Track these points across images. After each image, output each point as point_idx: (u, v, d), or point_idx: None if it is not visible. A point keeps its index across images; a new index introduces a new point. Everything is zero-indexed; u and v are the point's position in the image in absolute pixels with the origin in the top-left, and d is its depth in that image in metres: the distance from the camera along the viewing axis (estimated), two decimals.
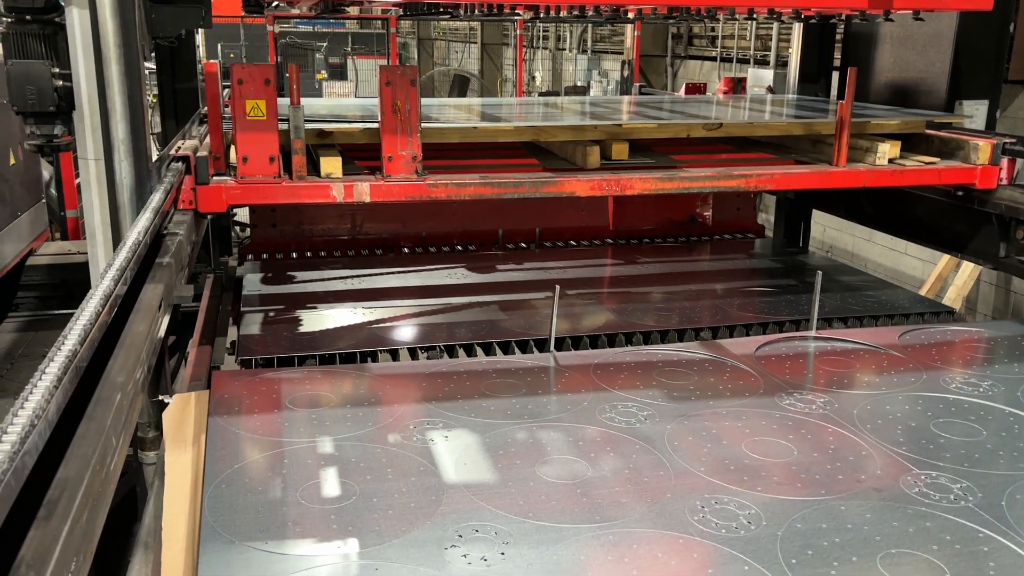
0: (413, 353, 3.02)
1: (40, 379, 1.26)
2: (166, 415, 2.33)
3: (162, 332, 2.19)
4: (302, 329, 3.22)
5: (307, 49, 16.54)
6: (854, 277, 4.04)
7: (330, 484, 2.00)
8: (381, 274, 3.95)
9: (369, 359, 2.95)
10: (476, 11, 3.36)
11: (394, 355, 3.00)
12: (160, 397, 2.46)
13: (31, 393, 1.21)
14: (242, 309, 3.41)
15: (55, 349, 1.39)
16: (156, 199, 2.43)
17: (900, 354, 2.90)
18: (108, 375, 1.69)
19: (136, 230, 2.15)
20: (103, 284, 1.73)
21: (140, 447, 2.70)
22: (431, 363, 2.84)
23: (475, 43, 21.16)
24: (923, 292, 6.05)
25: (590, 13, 3.74)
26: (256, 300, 3.54)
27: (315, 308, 3.44)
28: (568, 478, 2.06)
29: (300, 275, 3.92)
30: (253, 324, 3.26)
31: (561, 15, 3.64)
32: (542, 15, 3.85)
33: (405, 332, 3.22)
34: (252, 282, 3.78)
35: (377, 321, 3.30)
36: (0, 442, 1.06)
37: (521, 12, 3.87)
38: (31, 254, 3.85)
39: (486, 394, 2.52)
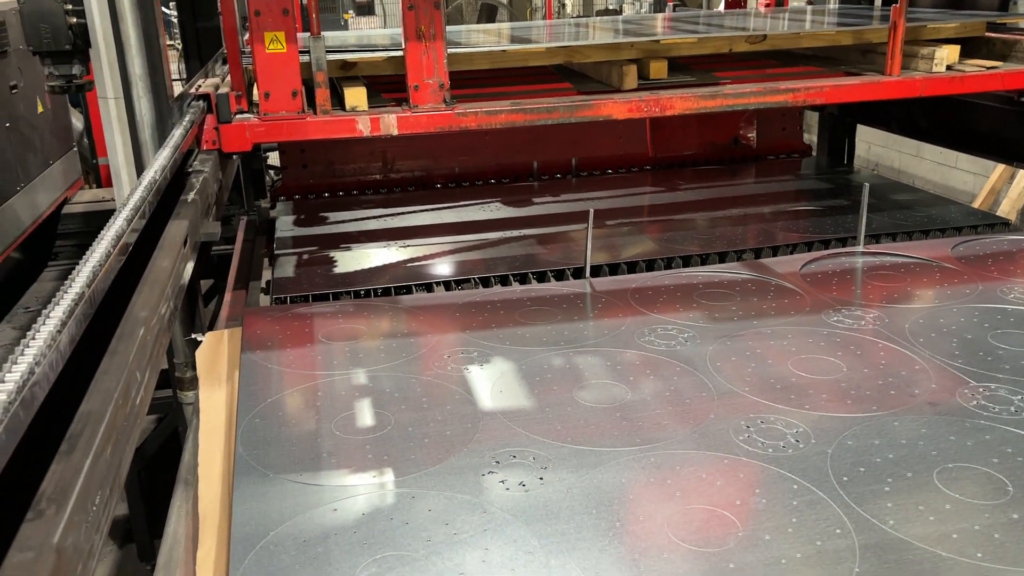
0: (448, 287, 2.96)
1: (51, 311, 1.22)
2: (199, 353, 2.32)
3: (189, 268, 2.16)
4: (336, 268, 3.18)
5: None
6: (903, 193, 3.87)
7: (365, 415, 1.97)
8: (414, 211, 3.88)
9: (404, 294, 2.91)
10: None
11: (429, 290, 2.95)
12: (193, 336, 2.44)
13: (42, 325, 1.17)
14: (275, 251, 3.38)
15: (68, 282, 1.35)
16: (176, 135, 2.38)
17: (953, 266, 2.77)
18: (131, 311, 1.66)
19: (153, 169, 2.10)
20: (120, 216, 1.69)
21: (179, 387, 2.70)
22: (464, 293, 2.78)
23: None
24: (976, 206, 5.82)
25: None
26: (289, 241, 3.51)
27: (349, 247, 3.39)
28: (607, 402, 2.00)
29: (333, 215, 3.88)
30: (287, 265, 3.22)
31: None
32: None
33: (440, 267, 3.17)
34: (285, 223, 3.75)
35: (412, 258, 3.25)
36: (9, 372, 1.03)
37: None
38: (66, 202, 3.86)
39: (521, 322, 2.46)
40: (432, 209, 3.88)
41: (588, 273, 2.84)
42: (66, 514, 1.09)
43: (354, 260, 3.25)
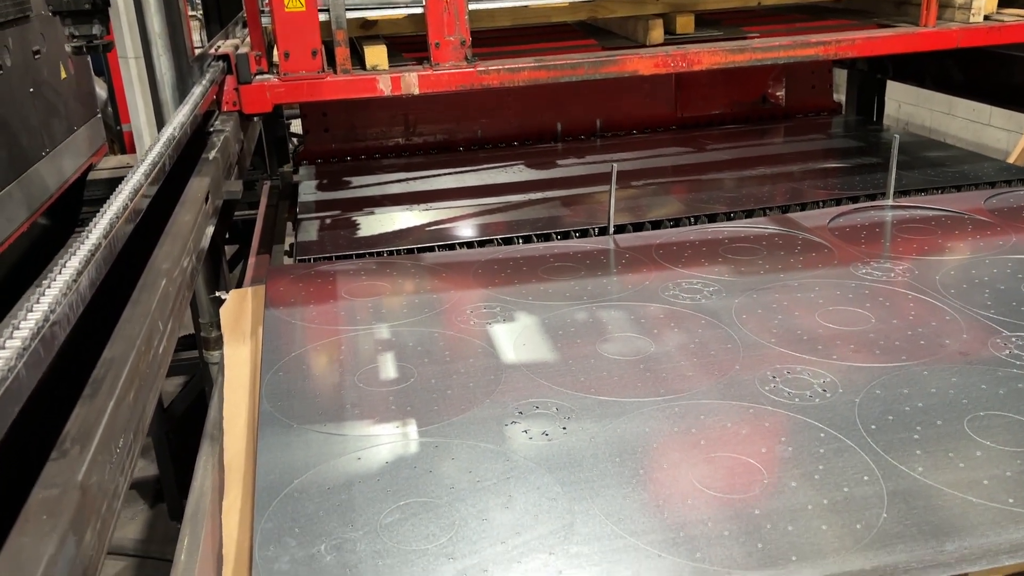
0: (470, 247, 2.95)
1: (70, 258, 1.22)
2: (223, 310, 2.33)
3: (211, 225, 2.16)
4: (359, 231, 3.17)
5: None
6: (935, 149, 3.79)
7: (388, 368, 1.97)
8: (437, 174, 3.86)
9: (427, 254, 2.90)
10: None
11: (451, 251, 2.93)
12: (217, 294, 2.46)
13: (62, 268, 1.17)
14: (298, 215, 3.37)
15: (88, 230, 1.35)
16: (196, 93, 2.37)
17: (986, 218, 2.71)
18: (153, 263, 1.67)
19: (172, 125, 2.10)
20: (138, 171, 1.69)
21: (205, 347, 2.72)
22: (487, 251, 2.77)
23: None
24: (1010, 161, 5.69)
25: None
26: (312, 205, 3.50)
27: (372, 210, 3.38)
28: (630, 354, 1.98)
29: (355, 179, 3.86)
30: (310, 228, 3.22)
31: None
32: None
33: (463, 229, 3.14)
34: (308, 187, 3.74)
35: (434, 220, 3.22)
36: (30, 311, 1.03)
37: None
38: (91, 169, 3.88)
39: (544, 278, 2.45)
40: (454, 172, 3.86)
41: (612, 230, 2.81)
42: (89, 454, 1.10)
43: (377, 223, 3.24)
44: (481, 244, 2.95)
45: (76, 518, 1.00)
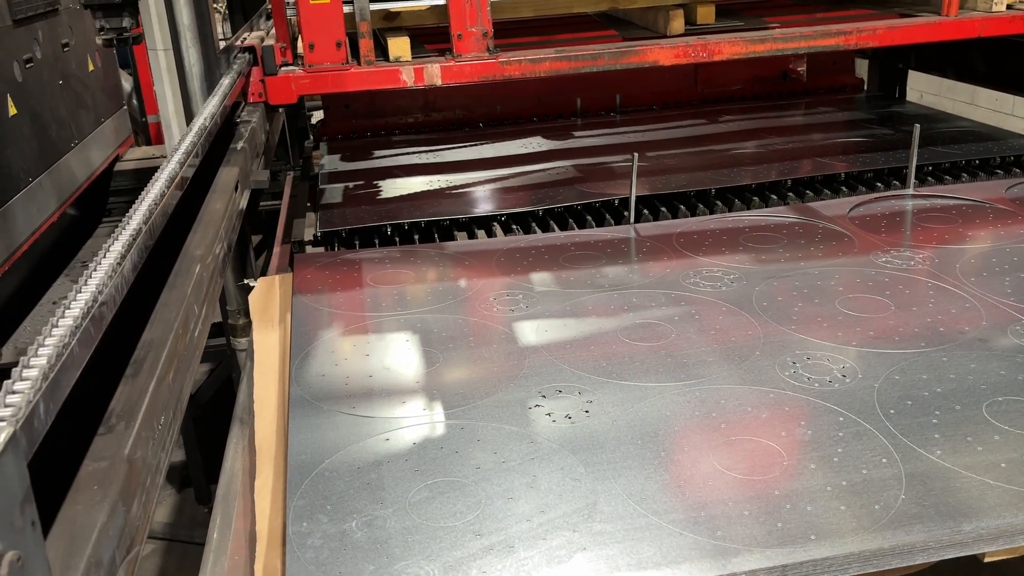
0: (491, 221, 2.97)
1: (113, 243, 1.27)
2: (252, 297, 2.38)
3: (241, 213, 2.21)
4: (381, 203, 3.20)
5: None
6: (961, 124, 3.78)
7: (413, 353, 2.01)
8: (456, 147, 3.87)
9: (448, 222, 2.94)
10: None
11: (472, 223, 2.96)
12: (246, 281, 2.50)
13: (106, 253, 1.22)
14: (320, 186, 3.40)
15: (127, 217, 1.40)
16: (224, 84, 2.42)
17: (1007, 207, 2.72)
18: (187, 249, 1.72)
19: (203, 116, 2.15)
20: (172, 160, 1.74)
21: (232, 334, 2.77)
22: (509, 239, 2.80)
23: None
24: None
25: None
26: (335, 177, 3.53)
27: (393, 183, 3.40)
28: (652, 340, 2.01)
29: (376, 153, 3.89)
30: (333, 199, 3.26)
31: None
32: None
33: (483, 202, 3.15)
34: (330, 161, 3.78)
35: (454, 192, 3.24)
36: (79, 293, 1.08)
37: None
38: (118, 160, 3.94)
39: (566, 266, 2.48)
40: (473, 146, 3.87)
41: (633, 219, 2.84)
42: (134, 430, 1.14)
43: (398, 195, 3.26)
44: (501, 217, 2.97)
45: (124, 489, 1.05)
